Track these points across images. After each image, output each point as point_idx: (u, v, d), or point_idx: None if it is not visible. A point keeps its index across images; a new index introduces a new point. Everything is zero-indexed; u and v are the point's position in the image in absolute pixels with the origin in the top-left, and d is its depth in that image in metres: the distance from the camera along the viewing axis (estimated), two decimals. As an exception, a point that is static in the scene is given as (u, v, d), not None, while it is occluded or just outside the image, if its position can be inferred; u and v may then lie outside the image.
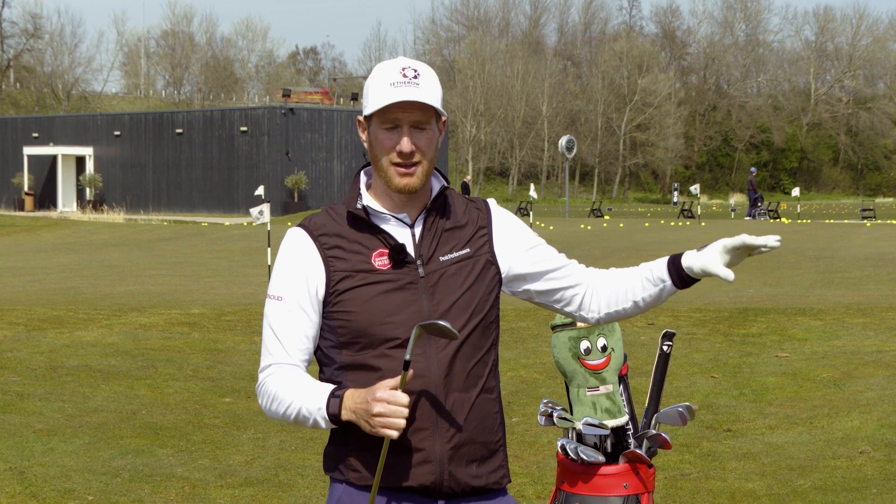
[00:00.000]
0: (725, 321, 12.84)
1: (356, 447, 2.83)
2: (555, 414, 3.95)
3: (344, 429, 2.80)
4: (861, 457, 7.58)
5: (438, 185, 2.96)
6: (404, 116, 2.82)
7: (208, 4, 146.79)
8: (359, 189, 2.94)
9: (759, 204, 45.93)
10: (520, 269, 2.99)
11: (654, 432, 3.99)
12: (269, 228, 18.40)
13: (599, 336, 3.98)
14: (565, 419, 3.95)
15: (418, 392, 2.79)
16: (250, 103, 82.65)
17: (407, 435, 2.78)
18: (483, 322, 2.89)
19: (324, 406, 2.77)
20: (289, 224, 35.62)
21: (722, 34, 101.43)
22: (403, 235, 2.89)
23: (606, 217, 49.30)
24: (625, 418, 4.00)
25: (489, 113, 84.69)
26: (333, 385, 2.83)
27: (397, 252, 2.84)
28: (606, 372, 3.98)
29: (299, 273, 2.87)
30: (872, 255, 22.63)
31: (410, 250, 2.87)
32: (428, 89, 2.83)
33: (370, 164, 2.96)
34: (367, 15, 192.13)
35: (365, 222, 2.88)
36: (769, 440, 8.14)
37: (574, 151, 55.56)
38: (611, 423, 3.95)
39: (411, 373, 2.73)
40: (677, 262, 2.94)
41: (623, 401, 4.04)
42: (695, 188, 41.08)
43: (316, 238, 2.88)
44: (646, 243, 27.52)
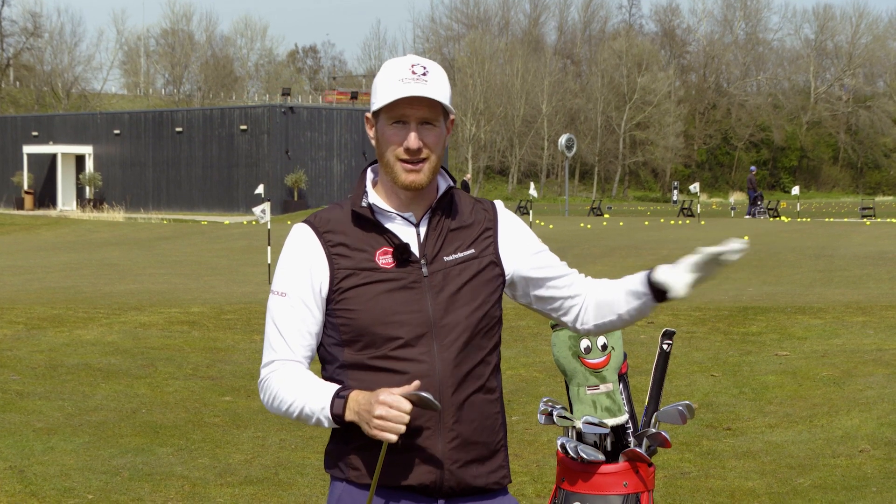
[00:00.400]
0: (725, 320, 12.85)
1: (357, 445, 2.82)
2: (555, 412, 3.95)
3: (346, 427, 2.79)
4: (861, 455, 7.58)
5: (445, 184, 2.94)
6: (412, 113, 2.81)
7: (207, 3, 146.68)
8: (365, 186, 2.92)
9: (759, 202, 45.93)
10: (523, 273, 2.98)
11: (654, 431, 3.99)
12: (269, 227, 18.41)
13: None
14: (565, 418, 3.94)
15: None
16: (250, 102, 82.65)
17: (409, 434, 2.77)
18: (486, 323, 2.88)
19: (328, 406, 2.76)
20: (288, 223, 35.66)
21: (722, 32, 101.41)
22: (408, 234, 2.88)
23: (606, 216, 49.28)
24: (625, 417, 4.00)
25: (489, 111, 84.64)
26: (337, 384, 2.82)
27: (401, 251, 2.83)
28: (606, 370, 3.98)
29: (303, 269, 2.86)
30: (872, 254, 22.63)
31: (415, 249, 2.86)
32: (437, 86, 2.81)
33: (377, 162, 2.94)
34: (367, 13, 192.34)
35: (370, 220, 2.87)
36: (769, 439, 8.13)
37: (574, 150, 55.53)
38: (611, 422, 3.95)
39: (417, 383, 2.72)
40: (650, 276, 2.94)
41: (623, 399, 4.04)
42: (694, 187, 41.01)
43: (321, 235, 2.87)
44: (645, 242, 27.51)
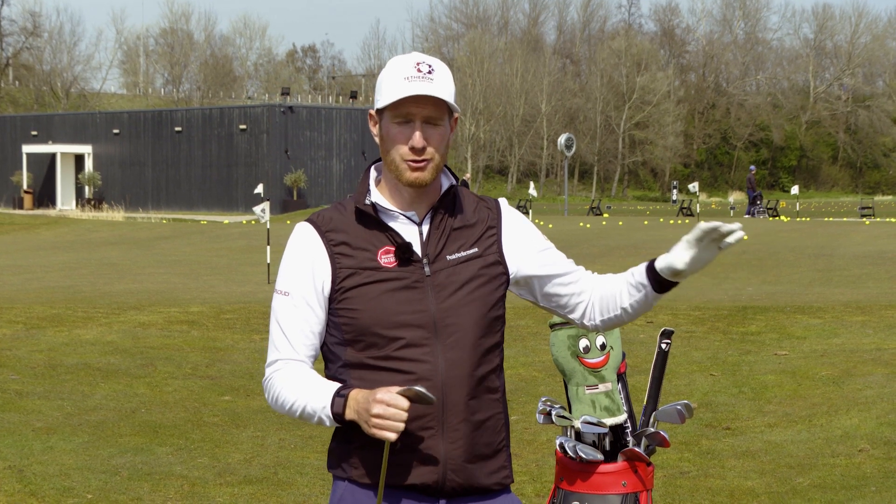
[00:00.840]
0: (724, 319, 12.85)
1: (359, 445, 2.83)
2: (553, 412, 3.95)
3: (347, 426, 2.79)
4: (860, 455, 7.58)
5: (448, 183, 2.94)
6: (417, 111, 2.80)
7: (206, 2, 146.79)
8: (368, 184, 2.91)
9: (758, 202, 45.93)
10: (528, 272, 2.97)
11: (653, 430, 4.00)
12: (269, 227, 18.42)
13: (598, 334, 3.98)
14: (564, 417, 3.95)
15: None
16: (249, 101, 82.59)
17: (411, 433, 2.77)
18: (489, 322, 2.87)
19: (328, 405, 2.77)
20: (288, 222, 35.64)
21: (721, 32, 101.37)
22: (411, 233, 2.87)
23: (605, 215, 49.25)
24: (623, 416, 4.01)
25: (488, 111, 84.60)
26: (338, 383, 2.83)
27: (403, 250, 2.83)
28: (605, 370, 3.98)
29: (306, 268, 2.86)
30: (871, 253, 22.63)
31: (417, 248, 2.85)
32: (442, 85, 2.81)
33: (380, 160, 2.93)
34: (366, 13, 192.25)
35: (373, 219, 2.87)
36: (768, 438, 8.14)
37: (573, 149, 55.53)
38: (609, 422, 3.95)
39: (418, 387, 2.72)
40: (651, 266, 2.90)
41: (622, 399, 4.04)
42: (694, 186, 40.97)
43: (323, 234, 2.87)
44: (645, 241, 27.52)
